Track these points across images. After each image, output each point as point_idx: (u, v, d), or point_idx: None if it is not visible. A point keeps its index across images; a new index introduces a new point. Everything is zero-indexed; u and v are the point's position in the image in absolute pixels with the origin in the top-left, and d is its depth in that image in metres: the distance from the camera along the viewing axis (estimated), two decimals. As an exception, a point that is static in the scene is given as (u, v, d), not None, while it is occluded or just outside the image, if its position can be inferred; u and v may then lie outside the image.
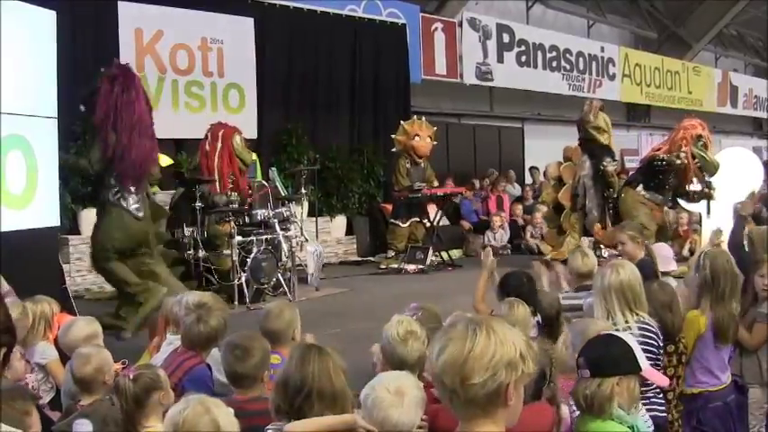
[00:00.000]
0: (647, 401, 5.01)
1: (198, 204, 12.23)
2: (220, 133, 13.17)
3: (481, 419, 2.71)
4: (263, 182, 14.27)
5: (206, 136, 13.27)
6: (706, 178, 14.80)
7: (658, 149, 15.65)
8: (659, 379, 4.42)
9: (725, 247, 7.89)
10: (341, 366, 4.15)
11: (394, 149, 16.97)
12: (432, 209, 17.22)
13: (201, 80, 15.74)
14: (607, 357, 4.15)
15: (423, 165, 16.90)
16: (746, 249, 8.25)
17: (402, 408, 3.76)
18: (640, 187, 15.06)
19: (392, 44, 19.18)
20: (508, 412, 2.75)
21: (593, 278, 6.90)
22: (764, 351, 6.66)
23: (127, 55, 14.17)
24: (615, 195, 15.08)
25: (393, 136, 16.86)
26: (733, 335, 6.12)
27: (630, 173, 16.79)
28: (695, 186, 15.11)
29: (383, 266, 16.32)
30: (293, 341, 5.56)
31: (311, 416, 3.98)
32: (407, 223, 16.76)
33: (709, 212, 14.69)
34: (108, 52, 13.82)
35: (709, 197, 14.94)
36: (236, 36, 16.19)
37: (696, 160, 14.72)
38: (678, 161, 15.16)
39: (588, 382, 4.01)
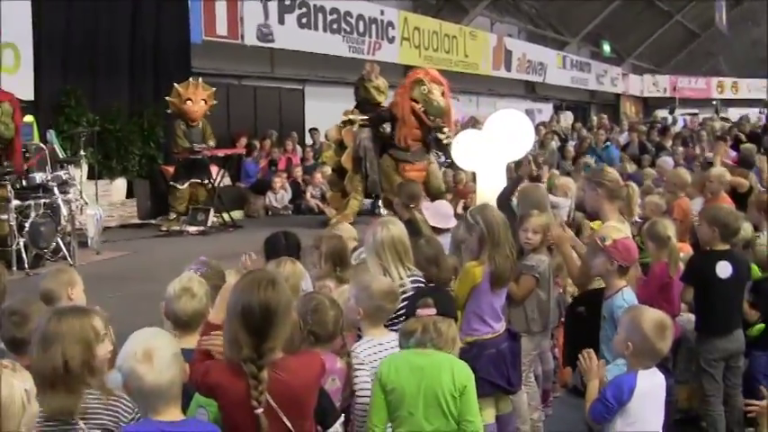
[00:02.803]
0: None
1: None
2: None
3: None
4: (41, 144, 14.00)
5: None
6: (437, 123, 15.17)
7: None
8: None
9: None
10: (86, 332, 4.19)
11: (169, 111, 16.92)
12: (213, 170, 17.26)
13: (-27, 38, 15.06)
14: (452, 304, 5.20)
15: (200, 126, 16.83)
16: (513, 208, 8.72)
17: (154, 372, 3.78)
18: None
19: (172, 4, 18.95)
20: None
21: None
22: (531, 301, 7.12)
23: None
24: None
25: (167, 98, 16.77)
26: (509, 278, 6.51)
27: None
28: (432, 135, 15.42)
29: (164, 228, 16.25)
30: (70, 302, 5.59)
31: (73, 392, 4.02)
32: (188, 185, 16.69)
33: (449, 157, 15.10)
34: None
35: (438, 141, 15.41)
36: (11, -8, 15.52)
37: (420, 105, 14.97)
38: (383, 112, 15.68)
39: (439, 318, 4.84)
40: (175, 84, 16.74)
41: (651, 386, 5.02)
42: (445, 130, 15.31)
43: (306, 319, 5.11)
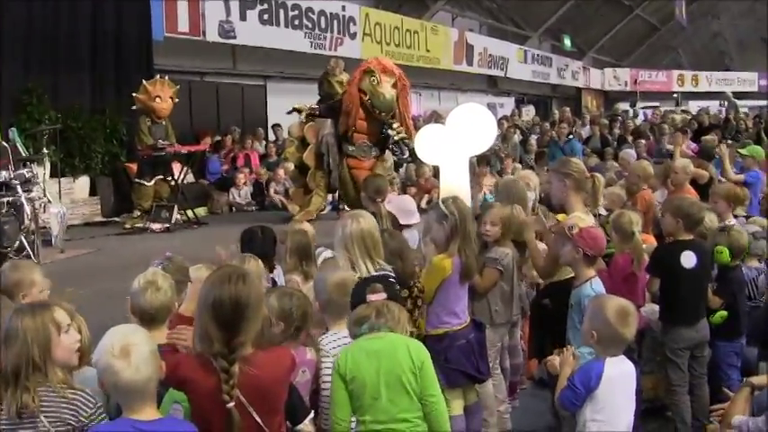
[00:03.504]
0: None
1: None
2: None
3: None
4: (3, 143, 13.90)
5: None
6: (383, 117, 14.48)
7: None
8: None
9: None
10: (46, 328, 4.21)
11: (134, 107, 16.76)
12: (176, 167, 17.21)
13: (-66, 34, 14.91)
14: (397, 291, 5.54)
15: (164, 123, 16.77)
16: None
17: (131, 368, 3.79)
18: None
19: (134, 1, 18.87)
20: None
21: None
22: (494, 294, 7.18)
23: None
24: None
25: (134, 94, 16.63)
26: (476, 270, 6.70)
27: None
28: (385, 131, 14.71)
29: (128, 226, 16.10)
30: (25, 298, 5.57)
31: (34, 389, 4.03)
32: (152, 182, 16.59)
33: (404, 153, 14.72)
34: None
35: (388, 138, 14.71)
36: (-30, -11, 15.36)
37: (367, 97, 14.44)
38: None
39: (390, 301, 5.00)
40: (144, 81, 16.65)
41: (620, 373, 5.10)
42: (395, 125, 14.68)
43: (291, 315, 5.15)
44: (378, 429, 4.77)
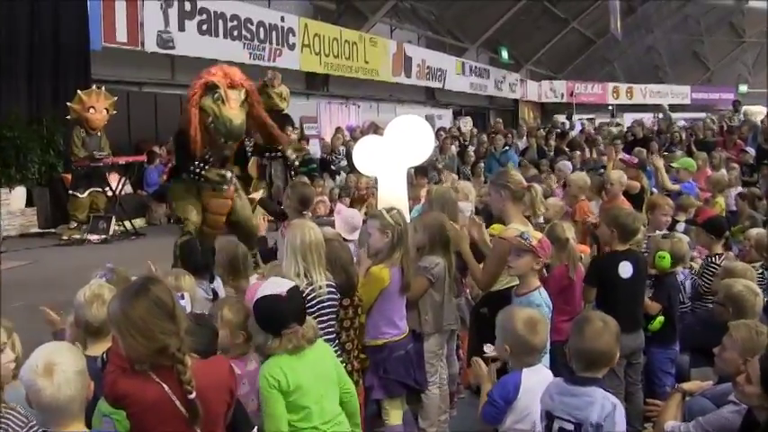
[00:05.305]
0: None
1: None
2: None
3: None
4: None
5: None
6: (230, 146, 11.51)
7: None
8: None
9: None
10: None
11: (68, 117, 16.73)
12: (114, 178, 17.13)
13: None
14: None
15: (99, 134, 16.72)
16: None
17: (53, 387, 3.74)
18: None
19: (72, 10, 18.73)
20: None
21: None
22: (424, 303, 7.22)
23: None
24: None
25: (69, 104, 16.59)
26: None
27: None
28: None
29: (65, 237, 16.04)
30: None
31: None
32: (86, 193, 16.55)
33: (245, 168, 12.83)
34: None
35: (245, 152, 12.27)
36: None
37: (210, 120, 10.83)
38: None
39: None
40: (79, 91, 16.53)
41: (538, 382, 5.15)
42: (288, 152, 12.50)
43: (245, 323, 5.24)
44: (326, 430, 4.91)
